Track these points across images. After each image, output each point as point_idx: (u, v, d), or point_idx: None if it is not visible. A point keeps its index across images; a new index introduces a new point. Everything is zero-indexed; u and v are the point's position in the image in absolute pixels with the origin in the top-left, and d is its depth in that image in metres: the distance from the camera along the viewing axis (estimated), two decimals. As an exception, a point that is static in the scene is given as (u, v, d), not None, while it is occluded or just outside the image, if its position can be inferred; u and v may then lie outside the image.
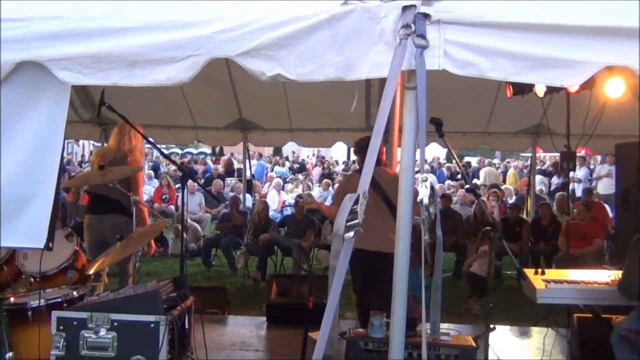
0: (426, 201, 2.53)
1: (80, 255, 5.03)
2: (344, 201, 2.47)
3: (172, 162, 7.67)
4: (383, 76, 2.65)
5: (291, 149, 26.30)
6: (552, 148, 8.26)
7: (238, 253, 10.21)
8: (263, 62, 2.75)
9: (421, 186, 2.53)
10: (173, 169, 18.57)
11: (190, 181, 11.39)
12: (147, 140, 5.38)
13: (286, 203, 15.33)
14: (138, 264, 5.45)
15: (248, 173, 12.78)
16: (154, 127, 9.08)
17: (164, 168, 21.31)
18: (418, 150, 2.73)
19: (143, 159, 12.31)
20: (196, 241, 11.31)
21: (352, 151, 6.10)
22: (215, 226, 11.83)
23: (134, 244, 4.74)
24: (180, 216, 11.11)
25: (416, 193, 2.63)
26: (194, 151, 29.72)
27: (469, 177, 18.14)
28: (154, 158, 23.52)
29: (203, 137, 10.80)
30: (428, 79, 2.63)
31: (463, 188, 15.14)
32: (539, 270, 4.64)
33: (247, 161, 11.79)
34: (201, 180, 18.39)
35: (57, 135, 2.98)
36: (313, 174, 22.80)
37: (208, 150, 28.37)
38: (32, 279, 4.81)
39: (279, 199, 15.75)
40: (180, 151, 28.37)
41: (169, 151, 25.91)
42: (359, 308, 5.63)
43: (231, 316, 7.19)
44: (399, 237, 2.79)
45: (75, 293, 4.20)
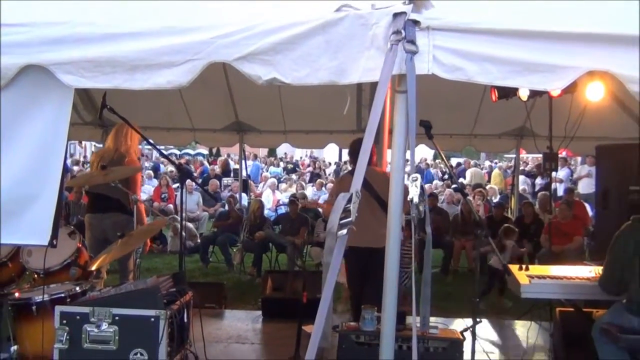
0: (416, 200, 2.53)
1: (82, 252, 5.00)
2: (338, 200, 2.47)
3: (172, 163, 7.62)
4: (375, 80, 2.65)
5: (285, 150, 26.30)
6: (535, 149, 8.27)
7: (234, 250, 10.20)
8: (259, 67, 2.74)
9: (412, 185, 2.53)
10: (170, 170, 18.50)
11: (188, 181, 11.36)
12: (147, 141, 5.37)
13: (280, 202, 15.32)
14: (138, 260, 5.44)
15: (244, 173, 12.77)
16: (154, 129, 9.03)
17: (164, 168, 21.24)
18: (408, 151, 2.73)
19: (142, 159, 12.28)
20: (191, 238, 11.29)
21: (347, 152, 6.09)
22: (212, 224, 11.80)
23: (135, 241, 4.73)
24: (176, 216, 11.18)
25: (406, 192, 2.63)
26: (192, 152, 29.61)
27: (456, 177, 18.16)
28: (154, 159, 23.43)
29: (200, 139, 10.79)
30: (417, 83, 2.63)
31: (450, 187, 15.18)
32: (523, 266, 4.66)
33: (243, 162, 11.77)
34: (199, 180, 18.33)
35: (61, 136, 2.96)
36: (306, 174, 22.79)
37: (205, 151, 28.33)
38: (36, 275, 4.79)
39: (274, 198, 15.73)
40: (178, 152, 28.27)
41: (168, 152, 25.79)
42: (353, 302, 5.63)
43: (228, 310, 7.18)
44: (390, 235, 2.79)
45: (78, 288, 4.18)
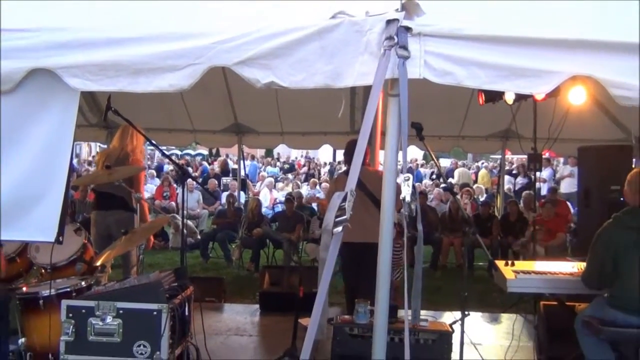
0: (408, 199, 2.52)
1: (88, 248, 4.98)
2: (333, 199, 2.46)
3: (173, 163, 7.59)
4: (368, 84, 2.64)
5: (282, 151, 26.27)
6: (520, 150, 8.31)
7: (233, 246, 10.19)
8: (258, 71, 2.73)
9: (404, 185, 2.53)
10: (172, 169, 18.45)
11: (189, 180, 11.34)
12: (150, 142, 5.36)
13: (277, 200, 15.31)
14: (141, 256, 5.42)
15: (242, 173, 12.75)
16: (156, 130, 9.02)
17: (167, 168, 21.17)
18: (400, 152, 2.73)
19: (145, 159, 12.26)
20: (192, 235, 11.27)
21: (343, 152, 6.08)
22: (212, 221, 11.79)
23: (138, 238, 4.71)
24: (176, 215, 11.15)
25: (399, 191, 2.62)
26: (192, 152, 29.56)
27: (445, 177, 18.19)
28: (157, 160, 23.37)
29: (201, 140, 10.74)
30: (409, 87, 2.62)
31: (439, 187, 15.20)
32: (509, 262, 4.65)
33: (242, 162, 11.75)
34: (199, 179, 18.29)
35: (67, 137, 2.94)
36: (301, 175, 22.77)
37: (205, 151, 28.29)
38: (43, 270, 4.76)
39: (271, 197, 15.72)
40: (179, 152, 28.20)
41: (169, 152, 25.74)
42: (347, 295, 5.62)
43: (227, 304, 7.18)
44: (382, 232, 2.78)
45: (83, 283, 4.16)
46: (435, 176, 20.44)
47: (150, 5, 3.00)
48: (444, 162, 24.19)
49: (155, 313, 3.44)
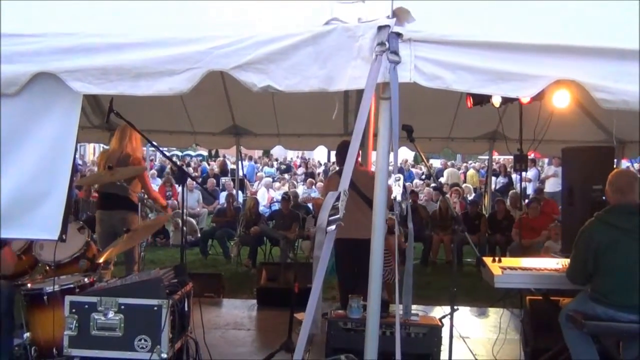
0: (399, 198, 2.52)
1: (91, 245, 4.97)
2: (327, 198, 2.46)
3: (173, 164, 7.61)
4: (361, 88, 2.63)
5: (278, 152, 26.23)
6: (507, 151, 8.32)
7: (232, 243, 10.17)
8: (254, 75, 2.72)
9: (395, 185, 2.52)
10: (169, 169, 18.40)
11: (189, 180, 11.32)
12: (151, 143, 5.35)
13: (274, 199, 15.27)
14: (143, 253, 5.40)
15: (240, 173, 12.73)
16: (157, 132, 9.00)
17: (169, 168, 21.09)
18: (392, 153, 2.72)
19: (147, 160, 12.25)
20: (192, 233, 11.24)
21: (335, 153, 6.07)
22: (211, 220, 11.76)
23: (139, 236, 4.71)
24: (179, 211, 11.12)
25: (390, 190, 2.62)
26: (193, 153, 29.51)
27: (435, 177, 18.21)
28: (159, 161, 23.28)
29: (200, 141, 10.73)
30: (400, 91, 2.61)
31: (429, 186, 15.22)
32: (496, 258, 4.66)
33: (240, 162, 11.73)
34: (199, 179, 18.25)
35: (70, 138, 2.92)
36: (298, 174, 22.75)
37: (205, 152, 28.23)
38: (48, 267, 4.74)
39: (268, 196, 15.69)
40: (180, 153, 28.14)
41: (170, 153, 25.66)
42: (341, 291, 5.61)
43: (226, 299, 7.15)
44: (374, 230, 2.77)
45: (86, 279, 4.13)
46: (424, 176, 20.45)
47: (150, 12, 2.98)
48: (435, 163, 24.21)
49: (155, 308, 3.44)
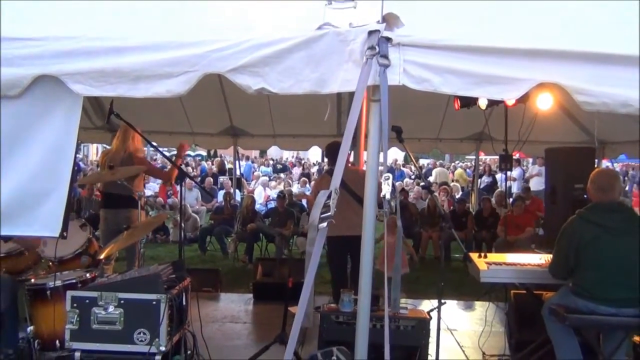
0: (388, 196, 2.52)
1: (92, 242, 4.94)
2: (318, 197, 2.45)
3: (172, 164, 7.54)
4: (352, 90, 2.62)
5: (274, 152, 26.18)
6: (493, 152, 8.33)
7: (229, 240, 10.17)
8: (249, 78, 2.71)
9: (384, 183, 2.51)
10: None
11: (188, 179, 11.29)
12: (150, 144, 5.35)
13: (270, 198, 15.27)
14: (143, 250, 5.38)
15: (238, 172, 12.71)
16: (157, 133, 8.96)
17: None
18: (382, 153, 2.72)
19: (150, 160, 12.22)
20: (194, 230, 11.21)
21: (325, 153, 6.07)
22: (209, 217, 11.74)
23: (139, 233, 4.69)
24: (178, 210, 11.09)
25: (380, 189, 2.61)
26: (192, 153, 29.39)
27: (424, 176, 18.23)
28: (160, 162, 23.18)
29: (199, 142, 10.69)
30: (389, 93, 2.61)
31: (418, 185, 15.24)
32: (482, 254, 4.65)
33: (237, 162, 11.72)
34: (197, 179, 18.21)
35: (71, 139, 2.89)
36: (293, 173, 22.73)
37: (204, 152, 28.16)
38: (51, 263, 4.71)
39: (264, 194, 15.69)
40: (179, 153, 27.99)
41: (170, 154, 25.51)
42: (333, 285, 5.60)
43: (223, 294, 7.15)
44: (365, 227, 2.76)
45: (88, 275, 4.11)
46: (414, 176, 20.47)
47: (148, 16, 2.96)
48: (424, 162, 24.22)
49: (154, 303, 3.43)
